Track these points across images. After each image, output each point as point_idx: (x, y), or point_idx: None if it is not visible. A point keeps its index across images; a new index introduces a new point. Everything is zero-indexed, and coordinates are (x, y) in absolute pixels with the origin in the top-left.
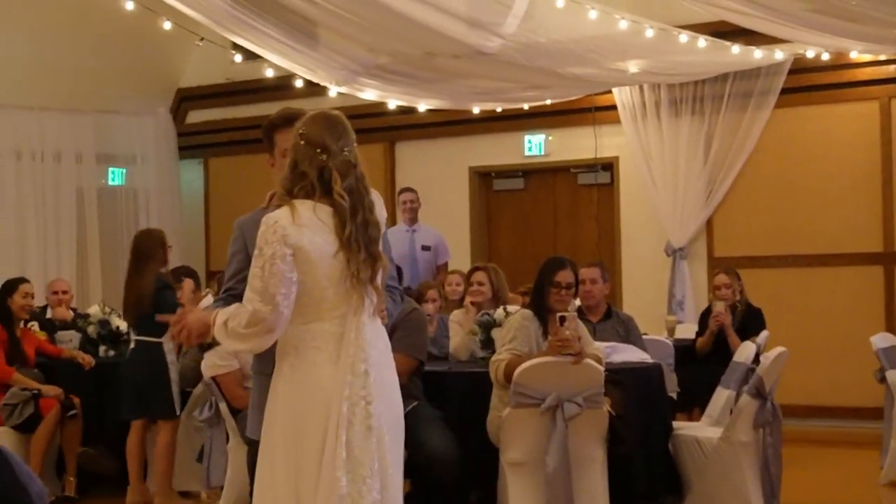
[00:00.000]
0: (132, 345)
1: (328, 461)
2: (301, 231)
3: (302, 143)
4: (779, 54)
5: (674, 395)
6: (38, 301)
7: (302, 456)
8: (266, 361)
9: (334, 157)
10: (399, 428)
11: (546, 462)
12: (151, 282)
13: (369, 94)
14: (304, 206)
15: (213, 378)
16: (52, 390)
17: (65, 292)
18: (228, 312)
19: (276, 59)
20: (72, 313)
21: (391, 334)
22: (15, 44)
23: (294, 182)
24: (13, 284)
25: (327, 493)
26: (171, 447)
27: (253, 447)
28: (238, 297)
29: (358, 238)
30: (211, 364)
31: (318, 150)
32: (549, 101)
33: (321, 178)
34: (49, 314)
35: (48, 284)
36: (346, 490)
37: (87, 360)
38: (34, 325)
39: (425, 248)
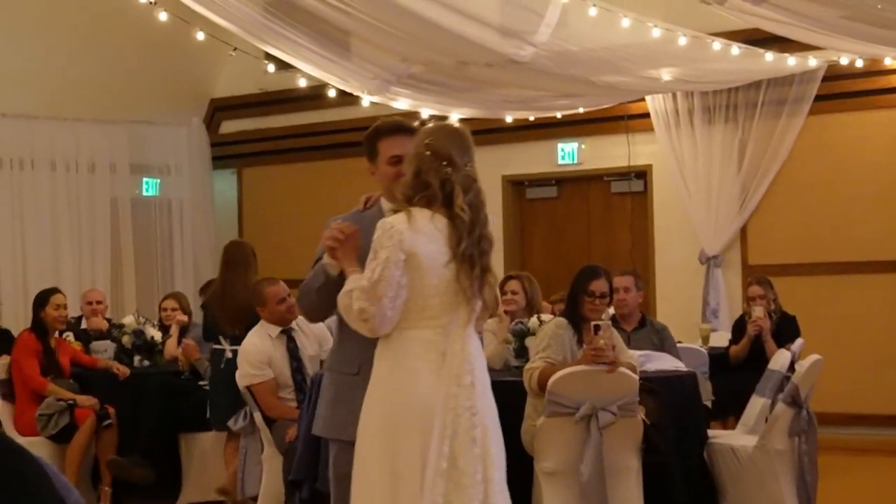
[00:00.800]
0: (229, 354)
1: (430, 471)
2: (416, 237)
3: (428, 153)
4: (812, 61)
5: (708, 404)
6: (73, 311)
7: (399, 462)
8: (346, 361)
9: (458, 171)
10: (501, 441)
11: (581, 471)
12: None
13: (402, 104)
14: (421, 214)
15: (248, 387)
16: (87, 401)
17: (99, 302)
18: (354, 285)
19: (309, 69)
20: (107, 323)
21: None
22: (49, 56)
23: (416, 190)
24: (45, 296)
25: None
26: None
27: (309, 444)
28: None
29: (472, 253)
30: (245, 374)
31: (444, 163)
32: (581, 110)
33: (443, 190)
34: (84, 324)
35: (83, 295)
36: (443, 501)
37: (123, 370)
38: (69, 336)
39: None
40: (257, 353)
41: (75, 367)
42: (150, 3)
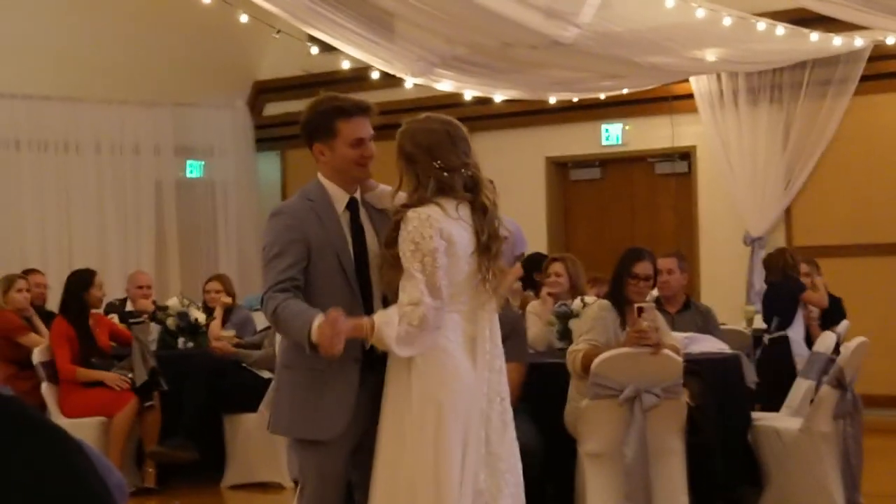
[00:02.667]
0: None
1: (471, 456)
2: (451, 225)
3: (419, 152)
4: (858, 41)
5: (753, 386)
6: (119, 293)
7: (441, 445)
8: (314, 356)
9: (456, 165)
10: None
11: (624, 453)
12: None
13: (445, 86)
14: (448, 203)
15: None
16: (115, 379)
17: (149, 287)
18: (390, 315)
19: (353, 51)
20: (153, 305)
21: (504, 341)
22: (94, 39)
23: (421, 187)
24: (89, 277)
25: (468, 488)
26: None
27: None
28: (301, 288)
29: (490, 242)
30: None
31: (438, 162)
32: (625, 91)
33: (451, 181)
34: (129, 306)
35: (130, 277)
36: (486, 485)
37: (123, 385)
38: (114, 318)
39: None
40: None
41: (118, 346)
42: None
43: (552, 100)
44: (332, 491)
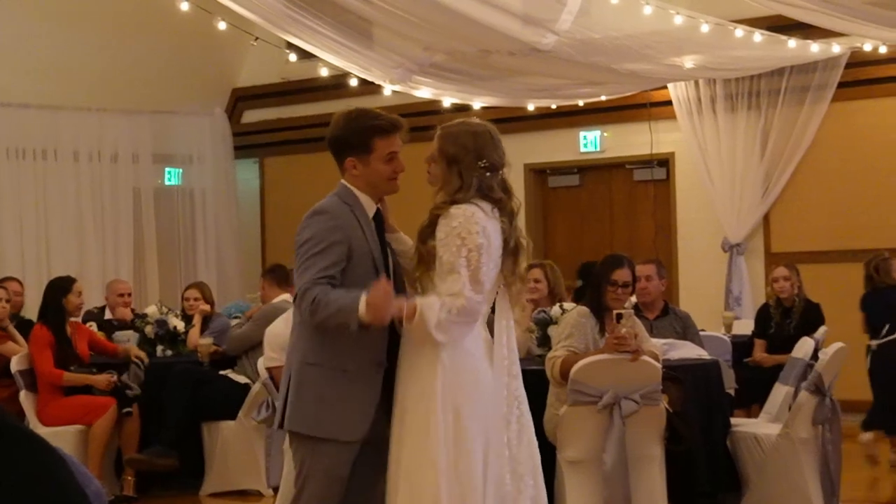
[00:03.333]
0: None
1: (494, 460)
2: (490, 225)
3: (466, 153)
4: (836, 48)
5: (731, 392)
6: (97, 301)
7: (462, 448)
8: (338, 358)
9: (496, 167)
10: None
11: (604, 460)
12: None
13: (424, 93)
14: (485, 205)
15: (269, 373)
16: (103, 381)
17: (128, 295)
18: (431, 301)
19: (331, 59)
20: (132, 313)
21: None
22: (73, 47)
23: (456, 187)
24: (68, 284)
25: (491, 490)
26: None
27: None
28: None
29: (514, 246)
30: (268, 357)
31: (483, 161)
32: (604, 97)
33: (489, 184)
34: (108, 315)
35: (109, 285)
36: (509, 488)
37: (143, 356)
38: (92, 326)
39: None
40: (282, 337)
41: (95, 354)
42: None
43: (531, 107)
44: (339, 490)
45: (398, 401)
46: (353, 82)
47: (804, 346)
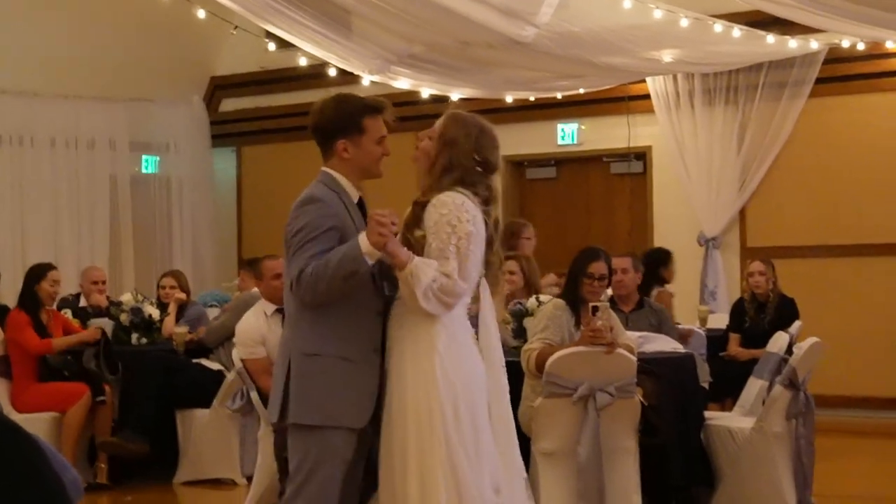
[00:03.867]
0: None
1: (487, 448)
2: (478, 215)
3: (467, 144)
4: (814, 44)
5: (706, 386)
6: (73, 288)
7: (455, 438)
8: (347, 348)
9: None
10: None
11: (578, 452)
12: None
13: (402, 83)
14: (467, 194)
15: (243, 365)
16: (90, 334)
17: (103, 282)
18: (429, 263)
19: (310, 48)
20: (107, 300)
21: None
22: (51, 33)
23: (446, 174)
24: (42, 271)
25: (486, 481)
26: None
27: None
28: None
29: (493, 236)
30: (239, 351)
31: (476, 156)
32: (582, 90)
33: (476, 174)
34: (83, 302)
35: (84, 272)
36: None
37: (94, 334)
38: (67, 313)
39: None
40: (251, 332)
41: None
42: None
43: (509, 98)
44: (346, 476)
45: (394, 387)
46: (332, 72)
47: (779, 341)
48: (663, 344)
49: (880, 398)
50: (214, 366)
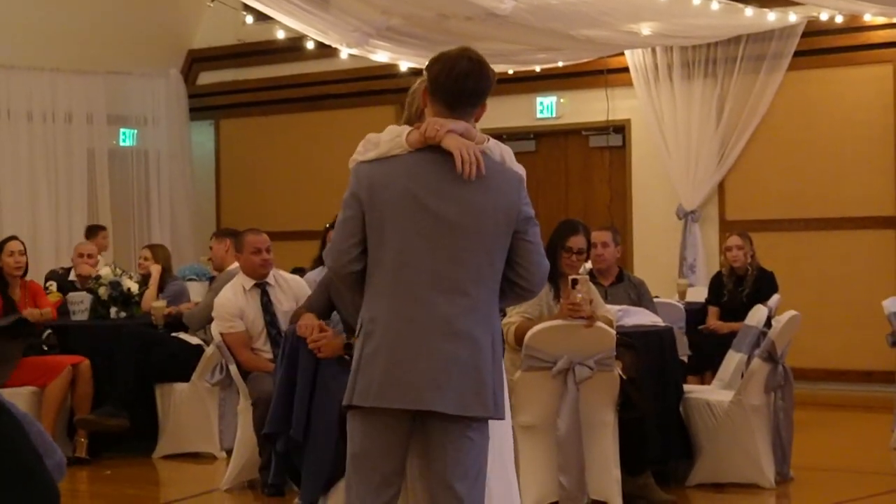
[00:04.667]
0: None
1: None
2: None
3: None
4: (792, 17)
5: (685, 359)
6: (51, 262)
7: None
8: None
9: None
10: None
11: (557, 425)
12: None
13: (381, 56)
14: None
15: (222, 338)
16: (31, 314)
17: (89, 255)
18: None
19: (288, 21)
20: (96, 271)
21: None
22: (27, 5)
23: None
24: (1, 244)
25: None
26: None
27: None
28: None
29: None
30: (217, 325)
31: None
32: (561, 64)
33: None
34: (72, 276)
35: (75, 247)
36: None
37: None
38: (52, 285)
39: None
40: (229, 306)
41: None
42: None
43: None
44: None
45: None
46: (310, 45)
47: (757, 314)
48: (643, 317)
49: (858, 371)
50: (193, 340)
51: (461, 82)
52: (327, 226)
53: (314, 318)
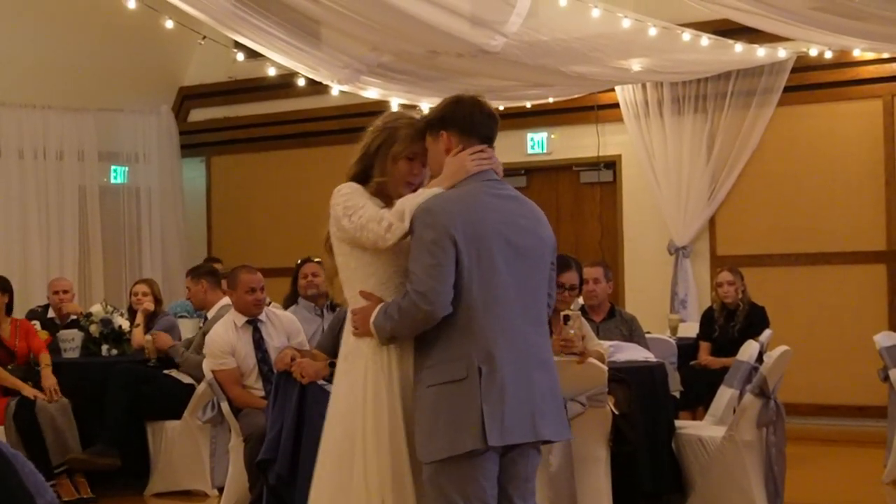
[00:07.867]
0: None
1: None
2: None
3: None
4: (782, 52)
5: (677, 394)
6: (41, 300)
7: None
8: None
9: None
10: None
11: (549, 461)
12: None
13: (371, 93)
14: None
15: (214, 375)
16: (30, 392)
17: (66, 292)
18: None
19: (279, 58)
20: (80, 307)
21: None
22: (18, 42)
23: None
24: None
25: None
26: None
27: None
28: None
29: None
30: (208, 361)
31: None
32: (551, 99)
33: None
34: (50, 313)
35: (49, 284)
36: None
37: (36, 393)
38: (35, 324)
39: None
40: (220, 343)
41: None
42: None
43: None
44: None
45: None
46: (301, 82)
47: (749, 349)
48: (634, 353)
49: (849, 406)
50: (185, 378)
51: (494, 118)
52: (299, 262)
53: (288, 349)
